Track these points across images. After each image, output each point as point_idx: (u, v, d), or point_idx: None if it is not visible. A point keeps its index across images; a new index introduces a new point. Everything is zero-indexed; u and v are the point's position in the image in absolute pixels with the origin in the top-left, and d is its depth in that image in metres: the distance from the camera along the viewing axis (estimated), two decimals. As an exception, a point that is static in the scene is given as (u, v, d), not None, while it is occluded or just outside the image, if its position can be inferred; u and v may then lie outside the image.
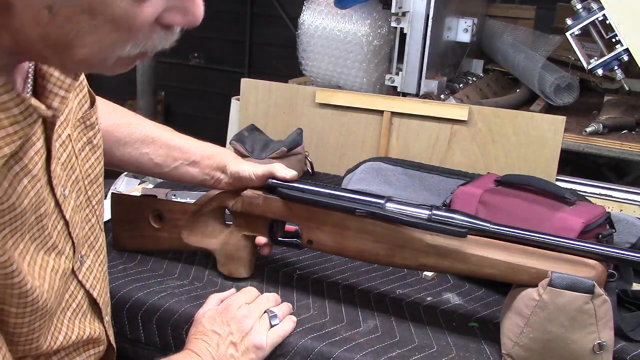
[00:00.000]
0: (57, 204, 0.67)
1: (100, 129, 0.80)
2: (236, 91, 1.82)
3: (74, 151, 0.72)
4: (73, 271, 0.72)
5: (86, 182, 0.76)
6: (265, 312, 0.88)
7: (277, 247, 1.05)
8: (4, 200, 0.57)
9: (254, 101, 1.74)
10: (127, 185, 1.43)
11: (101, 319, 0.80)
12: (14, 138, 0.55)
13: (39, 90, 0.62)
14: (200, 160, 0.99)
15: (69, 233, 0.70)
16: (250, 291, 0.92)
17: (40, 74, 0.63)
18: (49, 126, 0.64)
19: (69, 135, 0.70)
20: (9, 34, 0.51)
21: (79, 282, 0.74)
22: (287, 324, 0.88)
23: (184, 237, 1.03)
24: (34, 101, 0.57)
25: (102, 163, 0.80)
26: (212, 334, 0.83)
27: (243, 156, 1.41)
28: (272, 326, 0.87)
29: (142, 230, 1.05)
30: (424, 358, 0.85)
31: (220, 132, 1.97)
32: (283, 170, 0.95)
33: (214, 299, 0.91)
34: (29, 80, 0.62)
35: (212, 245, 1.02)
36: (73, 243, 0.71)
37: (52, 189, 0.66)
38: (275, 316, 0.88)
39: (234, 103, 1.89)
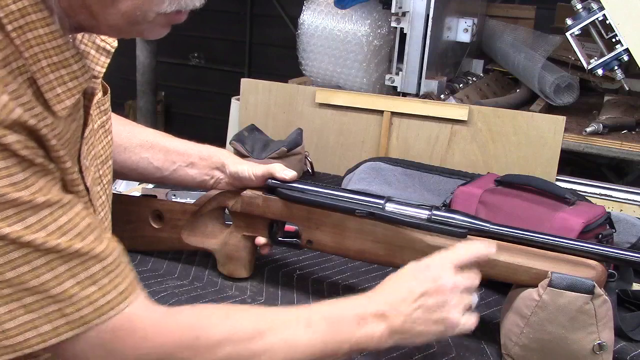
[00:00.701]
0: (81, 172, 0.69)
1: (111, 116, 0.83)
2: (236, 91, 1.82)
3: (93, 130, 0.75)
4: None
5: (98, 161, 0.78)
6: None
7: (277, 247, 1.05)
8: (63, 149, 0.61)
9: (254, 101, 1.74)
10: (127, 185, 1.43)
11: None
12: (73, 92, 0.60)
13: None
14: (199, 161, 1.00)
15: (90, 200, 0.72)
16: (464, 254, 0.77)
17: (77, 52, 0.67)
18: (87, 97, 0.70)
19: (90, 114, 0.73)
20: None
21: None
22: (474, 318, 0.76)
23: (184, 237, 1.03)
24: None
25: (111, 148, 0.83)
26: (404, 286, 0.74)
27: (243, 156, 1.40)
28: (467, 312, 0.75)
29: (142, 231, 1.05)
30: (424, 358, 0.85)
31: (220, 132, 1.98)
32: (282, 171, 0.95)
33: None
34: None
35: (212, 246, 1.02)
36: (94, 210, 0.73)
37: (79, 157, 0.69)
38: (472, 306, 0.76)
39: (234, 103, 1.90)
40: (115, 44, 0.73)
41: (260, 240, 0.99)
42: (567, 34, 1.78)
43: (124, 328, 0.61)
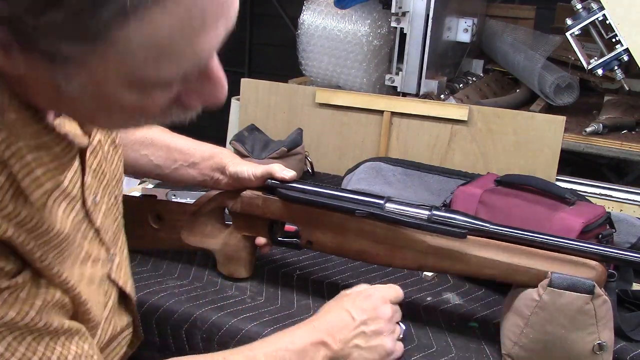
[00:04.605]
0: (87, 214, 0.66)
1: None
2: (236, 91, 1.82)
3: (104, 155, 0.71)
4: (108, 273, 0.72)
5: (113, 183, 0.74)
6: (398, 322, 0.85)
7: (277, 247, 1.05)
8: (50, 230, 0.55)
9: (254, 101, 1.74)
10: (127, 185, 1.43)
11: (131, 309, 0.79)
12: (54, 173, 0.55)
13: None
14: (200, 161, 0.99)
15: (100, 239, 0.69)
16: (398, 293, 0.86)
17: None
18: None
19: (99, 140, 0.69)
20: (31, 95, 0.51)
21: (112, 280, 0.73)
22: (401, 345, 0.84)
23: (183, 237, 1.03)
24: (71, 133, 0.57)
25: (122, 161, 0.79)
26: (345, 313, 0.80)
27: (243, 156, 1.41)
28: (399, 339, 0.84)
29: (141, 231, 1.05)
30: (424, 358, 0.85)
31: (220, 132, 1.97)
32: (282, 171, 0.95)
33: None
34: None
35: (212, 246, 1.02)
36: (106, 248, 0.70)
37: (83, 201, 0.65)
38: (404, 331, 0.85)
39: (234, 103, 1.89)
40: None
41: (260, 240, 0.99)
42: (567, 34, 1.78)
43: None
